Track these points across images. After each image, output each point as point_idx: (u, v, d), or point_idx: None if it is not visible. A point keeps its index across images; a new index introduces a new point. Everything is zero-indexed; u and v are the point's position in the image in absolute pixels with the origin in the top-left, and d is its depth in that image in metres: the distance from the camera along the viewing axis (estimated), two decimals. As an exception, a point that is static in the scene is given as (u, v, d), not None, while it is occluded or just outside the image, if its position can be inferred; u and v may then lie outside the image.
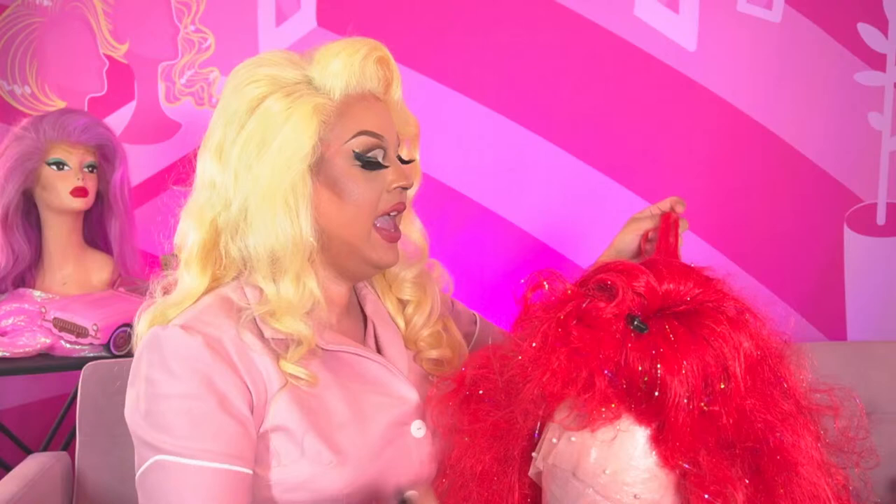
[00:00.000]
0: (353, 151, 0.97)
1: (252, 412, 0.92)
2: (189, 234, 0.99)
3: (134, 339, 1.01)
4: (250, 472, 0.92)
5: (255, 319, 0.95)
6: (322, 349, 0.98)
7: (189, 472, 0.88)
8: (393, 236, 1.01)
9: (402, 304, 1.11)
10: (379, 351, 1.06)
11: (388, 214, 1.00)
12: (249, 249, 0.95)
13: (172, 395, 0.89)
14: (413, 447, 1.00)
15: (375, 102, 1.00)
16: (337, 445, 0.94)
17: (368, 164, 0.97)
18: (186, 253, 0.99)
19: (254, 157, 0.94)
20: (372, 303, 1.10)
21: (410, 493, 0.95)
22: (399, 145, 1.03)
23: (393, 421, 0.99)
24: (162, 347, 0.91)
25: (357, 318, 1.09)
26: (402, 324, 1.10)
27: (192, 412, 0.89)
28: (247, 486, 0.91)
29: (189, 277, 0.99)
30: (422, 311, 1.10)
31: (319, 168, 0.96)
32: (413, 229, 1.10)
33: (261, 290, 0.96)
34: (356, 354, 1.01)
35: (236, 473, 0.89)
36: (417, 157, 1.09)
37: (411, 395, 1.02)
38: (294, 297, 0.95)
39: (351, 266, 1.01)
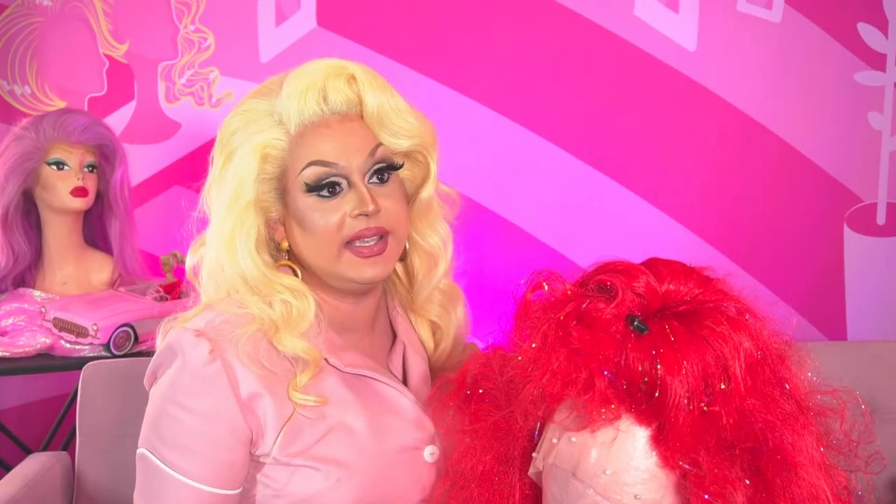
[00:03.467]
0: (304, 183, 0.96)
1: (258, 440, 0.95)
2: (188, 259, 1.04)
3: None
4: (234, 492, 0.95)
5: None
6: (341, 371, 0.99)
7: (171, 481, 0.93)
8: (370, 251, 0.97)
9: (434, 326, 1.12)
10: (405, 375, 1.07)
11: (361, 240, 0.97)
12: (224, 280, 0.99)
13: (183, 408, 0.93)
14: (424, 471, 1.01)
15: (338, 126, 0.98)
16: (347, 463, 0.96)
17: (320, 195, 0.96)
18: (188, 275, 1.05)
19: (215, 198, 0.99)
20: (403, 326, 1.10)
21: None
22: (376, 162, 0.98)
23: (406, 444, 1.00)
24: (187, 361, 0.94)
25: (384, 337, 1.09)
26: (431, 346, 1.11)
27: (194, 431, 0.92)
28: (230, 502, 0.95)
29: (204, 294, 1.03)
30: (447, 337, 1.11)
31: (286, 202, 0.99)
32: (429, 239, 1.07)
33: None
34: (374, 379, 1.01)
35: (215, 495, 0.93)
36: (433, 164, 1.05)
37: (427, 423, 1.02)
38: (278, 316, 0.96)
39: (337, 284, 1.00)
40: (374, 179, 0.98)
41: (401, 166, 1.02)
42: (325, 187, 0.96)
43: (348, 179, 0.97)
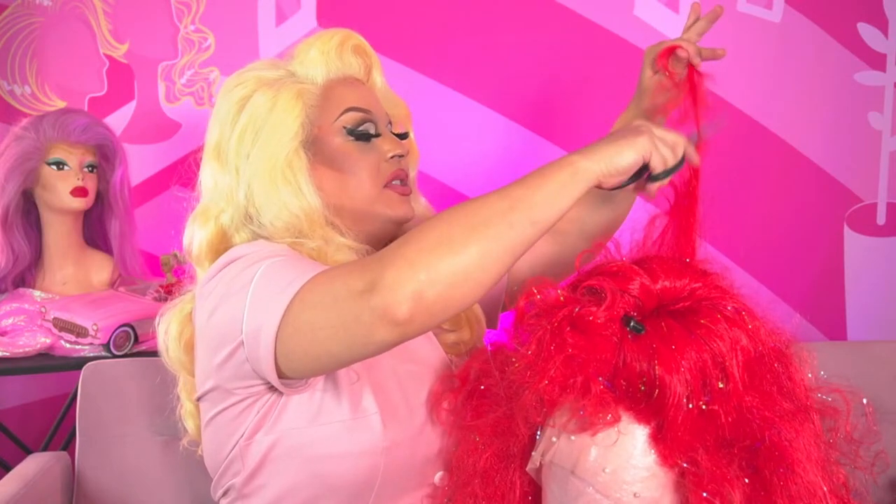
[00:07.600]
0: (344, 127, 1.02)
1: None
2: (195, 234, 1.04)
3: (159, 339, 1.06)
4: None
5: None
6: None
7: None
8: (403, 190, 1.04)
9: None
10: None
11: (392, 183, 1.04)
12: (267, 228, 0.99)
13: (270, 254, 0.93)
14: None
15: (359, 84, 1.06)
16: (383, 401, 0.95)
17: (361, 136, 1.02)
18: (196, 251, 1.04)
19: (249, 146, 0.99)
20: None
21: None
22: (390, 124, 1.08)
23: (430, 365, 1.03)
24: (247, 247, 0.95)
25: None
26: None
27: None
28: None
29: (203, 273, 1.02)
30: None
31: (315, 150, 1.01)
32: (419, 206, 1.13)
33: None
34: None
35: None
36: (412, 136, 1.13)
37: (433, 357, 1.04)
38: (332, 262, 0.97)
39: (369, 228, 1.03)
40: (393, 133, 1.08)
41: (406, 135, 1.11)
42: (363, 132, 1.02)
43: (377, 127, 1.04)
